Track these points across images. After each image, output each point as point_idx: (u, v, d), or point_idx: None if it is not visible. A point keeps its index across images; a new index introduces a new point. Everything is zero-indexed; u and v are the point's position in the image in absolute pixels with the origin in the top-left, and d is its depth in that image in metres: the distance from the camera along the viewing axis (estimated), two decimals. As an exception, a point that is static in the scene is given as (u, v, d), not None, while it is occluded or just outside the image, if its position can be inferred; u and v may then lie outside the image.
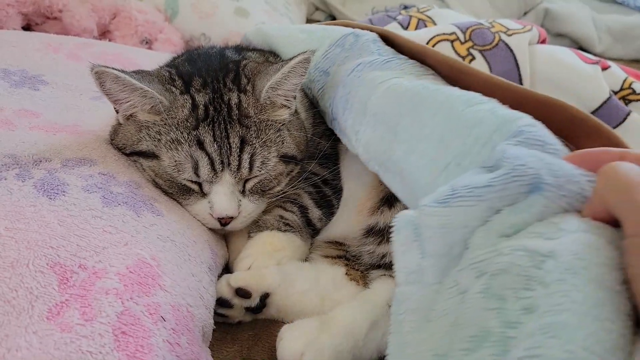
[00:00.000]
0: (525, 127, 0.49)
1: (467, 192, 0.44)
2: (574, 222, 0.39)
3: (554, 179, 0.41)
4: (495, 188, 0.43)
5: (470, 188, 0.44)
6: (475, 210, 0.44)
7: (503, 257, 0.39)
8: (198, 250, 0.67)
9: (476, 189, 0.44)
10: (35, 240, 0.53)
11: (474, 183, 0.44)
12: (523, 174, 0.42)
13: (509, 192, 0.43)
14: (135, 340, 0.50)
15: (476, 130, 0.53)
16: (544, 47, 1.20)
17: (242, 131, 0.71)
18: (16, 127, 0.72)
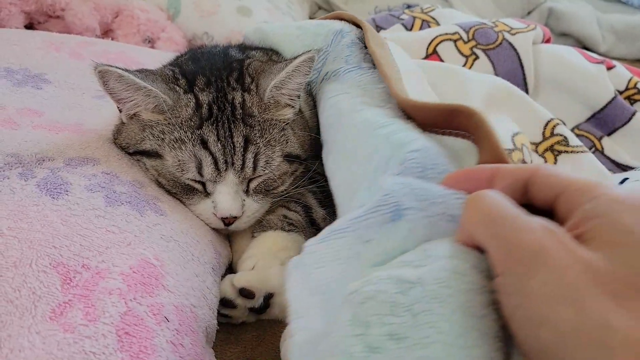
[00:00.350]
0: (409, 154, 0.49)
1: (343, 225, 0.44)
2: (442, 247, 0.38)
3: (417, 203, 0.41)
4: (361, 219, 0.43)
5: (346, 221, 0.44)
6: (344, 243, 0.43)
7: (371, 286, 0.38)
8: (201, 250, 0.67)
9: (349, 221, 0.44)
10: (38, 239, 0.53)
11: (350, 216, 0.44)
12: (385, 203, 0.42)
13: (373, 221, 0.42)
14: (139, 341, 0.50)
15: (375, 157, 0.53)
16: (548, 46, 1.20)
17: (246, 130, 0.71)
18: (19, 126, 0.72)
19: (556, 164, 0.81)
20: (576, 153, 0.83)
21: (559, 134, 0.85)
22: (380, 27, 1.38)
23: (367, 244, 0.42)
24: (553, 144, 0.85)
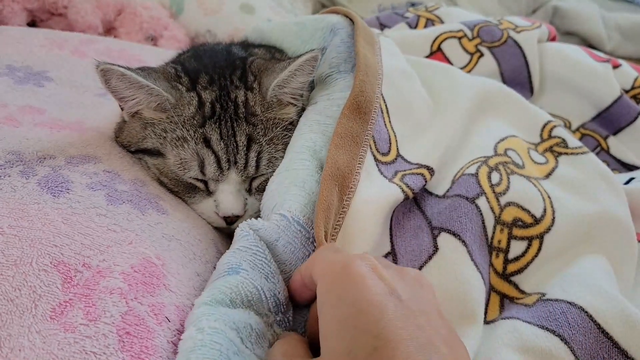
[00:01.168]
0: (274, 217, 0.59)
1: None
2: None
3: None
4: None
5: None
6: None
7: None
8: (203, 249, 0.66)
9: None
10: (39, 238, 0.52)
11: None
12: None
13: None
14: (140, 341, 0.49)
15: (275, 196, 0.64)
16: (553, 44, 1.19)
17: (249, 129, 0.71)
18: (20, 124, 0.72)
19: (557, 164, 0.81)
20: (576, 155, 0.82)
21: (557, 136, 0.85)
22: (385, 26, 1.38)
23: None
24: (552, 145, 0.84)
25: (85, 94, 0.88)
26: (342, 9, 0.91)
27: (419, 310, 0.43)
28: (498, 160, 0.74)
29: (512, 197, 0.70)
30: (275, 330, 0.54)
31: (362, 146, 0.66)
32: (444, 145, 0.75)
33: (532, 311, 0.62)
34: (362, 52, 0.76)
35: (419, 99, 0.82)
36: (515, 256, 0.69)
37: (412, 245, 0.65)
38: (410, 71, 0.86)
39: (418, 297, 0.45)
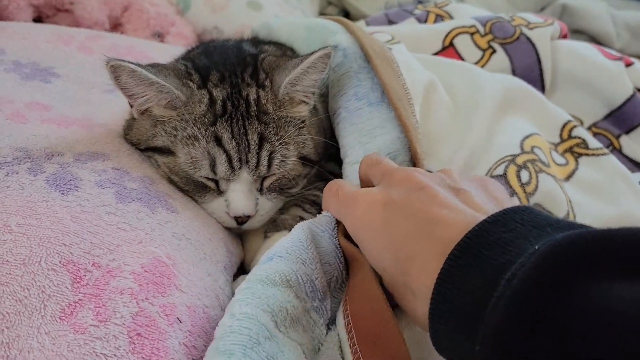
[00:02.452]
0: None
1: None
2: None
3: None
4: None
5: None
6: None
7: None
8: (213, 248, 0.65)
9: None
10: (48, 237, 0.51)
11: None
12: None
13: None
14: (151, 343, 0.48)
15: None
16: (565, 42, 1.17)
17: (261, 128, 0.69)
18: (27, 120, 0.70)
19: (578, 166, 0.79)
20: (597, 156, 0.81)
21: (577, 137, 0.83)
22: (393, 22, 1.36)
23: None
24: (572, 146, 0.83)
25: (93, 91, 0.87)
26: (345, 21, 0.89)
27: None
28: (526, 158, 0.72)
29: (538, 199, 0.68)
30: (312, 317, 0.53)
31: None
32: (469, 148, 0.73)
33: None
34: (388, 82, 0.74)
35: (443, 108, 0.80)
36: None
37: None
38: (432, 79, 0.83)
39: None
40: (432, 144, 0.76)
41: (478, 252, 0.39)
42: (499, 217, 0.40)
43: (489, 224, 0.40)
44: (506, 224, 0.40)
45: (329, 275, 0.58)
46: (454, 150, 0.74)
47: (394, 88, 0.74)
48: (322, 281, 0.56)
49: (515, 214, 0.41)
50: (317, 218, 0.61)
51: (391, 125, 0.72)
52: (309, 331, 0.52)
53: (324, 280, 0.56)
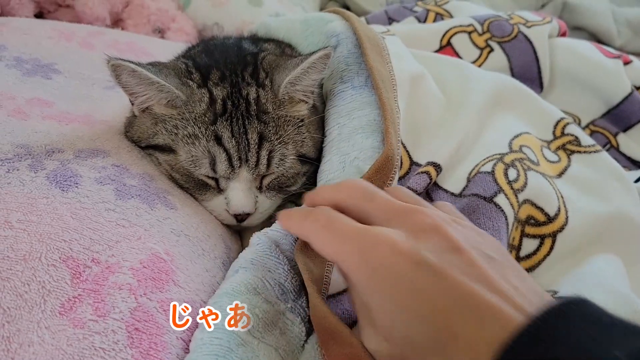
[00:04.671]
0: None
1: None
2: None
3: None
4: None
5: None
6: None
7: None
8: (212, 244, 0.66)
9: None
10: (48, 233, 0.52)
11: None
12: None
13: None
14: (149, 338, 0.49)
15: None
16: (564, 40, 1.18)
17: (261, 127, 0.70)
18: (28, 117, 0.71)
19: (570, 163, 0.80)
20: (589, 153, 0.81)
21: (570, 134, 0.84)
22: (393, 20, 1.37)
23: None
24: (565, 143, 0.83)
25: (94, 87, 0.88)
26: (341, 10, 0.90)
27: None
28: (514, 157, 0.73)
29: (528, 195, 0.69)
30: (288, 317, 0.54)
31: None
32: (456, 141, 0.74)
33: None
34: (376, 66, 0.75)
35: (432, 99, 0.81)
36: (527, 254, 0.68)
37: None
38: (422, 71, 0.84)
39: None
40: (421, 135, 0.76)
41: (542, 348, 0.34)
42: (559, 310, 0.36)
43: (549, 317, 0.35)
44: (568, 319, 0.35)
45: (301, 275, 0.59)
46: (441, 143, 0.74)
47: (379, 71, 0.75)
48: (294, 281, 0.57)
49: (575, 307, 0.36)
50: (276, 224, 0.62)
51: (370, 108, 0.73)
52: (287, 332, 0.54)
53: (297, 280, 0.58)
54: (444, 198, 0.71)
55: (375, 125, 0.72)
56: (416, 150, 0.76)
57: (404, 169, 0.73)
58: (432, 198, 0.71)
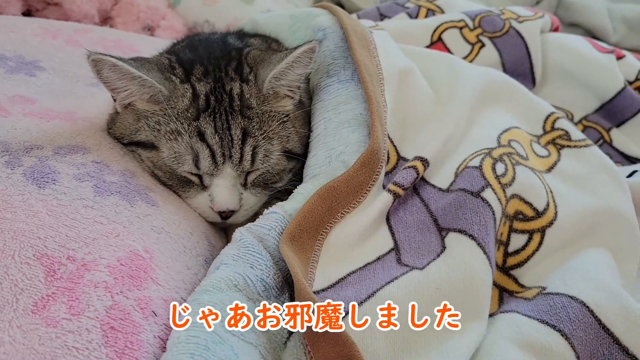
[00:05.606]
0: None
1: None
2: None
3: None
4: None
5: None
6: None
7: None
8: (194, 242, 0.65)
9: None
10: (22, 230, 0.51)
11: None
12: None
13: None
14: (125, 336, 0.48)
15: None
16: (556, 35, 1.17)
17: (244, 123, 0.69)
18: (9, 114, 0.70)
19: (560, 157, 0.79)
20: (579, 147, 0.80)
21: (560, 128, 0.83)
22: (385, 16, 1.35)
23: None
24: (554, 138, 0.82)
25: (78, 84, 0.87)
26: (329, 5, 0.89)
27: None
28: (502, 152, 0.72)
29: (516, 189, 0.68)
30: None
31: (364, 192, 0.66)
32: (444, 135, 0.73)
33: (532, 305, 0.60)
34: (363, 60, 0.75)
35: (420, 94, 0.80)
36: (515, 249, 0.67)
37: (416, 240, 0.64)
38: (410, 66, 0.83)
39: None
40: (409, 130, 0.76)
41: None
42: None
43: None
44: None
45: (284, 271, 0.59)
46: (429, 138, 0.74)
47: (365, 65, 0.75)
48: (276, 278, 0.57)
49: None
50: (261, 218, 0.62)
51: (357, 102, 0.73)
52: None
53: (279, 276, 0.57)
54: (431, 193, 0.70)
55: (362, 119, 0.72)
56: (404, 145, 0.75)
57: (391, 163, 0.73)
58: (419, 194, 0.70)
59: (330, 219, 0.64)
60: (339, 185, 0.65)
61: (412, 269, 0.61)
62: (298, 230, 0.61)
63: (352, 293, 0.58)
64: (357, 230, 0.64)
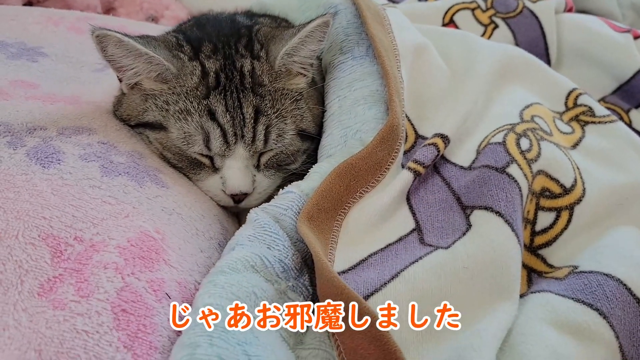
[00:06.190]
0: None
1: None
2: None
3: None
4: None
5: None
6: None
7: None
8: (206, 224, 0.62)
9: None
10: (26, 210, 0.48)
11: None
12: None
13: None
14: (137, 319, 0.45)
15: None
16: (571, 15, 1.13)
17: (256, 100, 0.66)
18: (11, 97, 0.67)
19: (584, 134, 0.76)
20: (604, 123, 0.77)
21: (583, 104, 0.80)
22: (393, 1, 1.32)
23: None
24: (578, 114, 0.79)
25: (82, 70, 0.84)
26: None
27: None
28: (526, 127, 0.69)
29: (542, 165, 0.65)
30: (290, 297, 0.51)
31: (383, 170, 0.64)
32: (463, 112, 0.70)
33: (565, 284, 0.57)
34: (377, 35, 0.72)
35: (436, 70, 0.78)
36: (542, 228, 0.64)
37: (439, 219, 0.61)
38: (425, 42, 0.81)
39: None
40: (426, 108, 0.73)
41: None
42: None
43: None
44: None
45: (303, 252, 0.56)
46: (447, 115, 0.71)
47: (381, 40, 0.72)
48: (295, 259, 0.54)
49: None
50: (277, 198, 0.60)
51: (371, 78, 0.70)
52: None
53: (298, 257, 0.55)
54: (452, 172, 0.67)
55: (378, 96, 0.69)
56: (421, 123, 0.72)
57: (409, 142, 0.70)
58: (440, 172, 0.67)
59: (349, 198, 0.61)
60: (357, 162, 0.62)
61: (436, 249, 0.58)
62: (316, 209, 0.58)
63: (375, 275, 0.55)
64: (376, 210, 0.62)
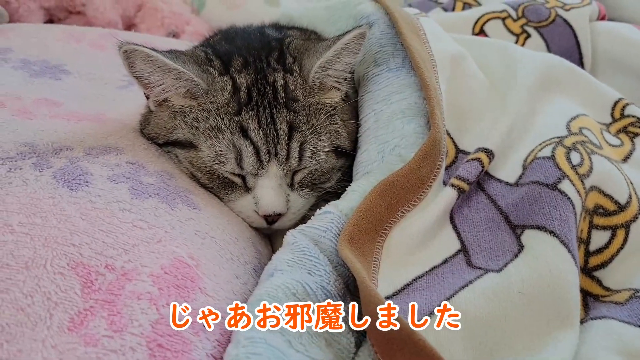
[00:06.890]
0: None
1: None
2: None
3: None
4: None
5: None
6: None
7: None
8: (241, 248, 0.58)
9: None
10: (54, 236, 0.45)
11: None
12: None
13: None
14: (174, 355, 0.42)
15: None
16: (605, 23, 1.10)
17: (290, 116, 0.63)
18: (35, 116, 0.65)
19: (634, 146, 0.72)
20: None
21: (631, 115, 0.76)
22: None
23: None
24: (626, 126, 0.75)
25: (106, 87, 0.82)
26: None
27: None
28: (575, 140, 0.65)
29: (594, 181, 0.61)
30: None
31: (425, 188, 0.60)
32: (506, 125, 0.67)
33: (627, 309, 0.53)
34: (414, 45, 0.69)
35: (475, 81, 0.74)
36: (597, 248, 0.60)
37: (487, 240, 0.58)
38: (462, 52, 0.78)
39: None
40: (465, 120, 0.70)
41: None
42: None
43: None
44: None
45: (344, 276, 0.53)
46: (489, 128, 0.67)
47: (418, 51, 0.69)
48: (337, 284, 0.51)
49: None
50: (314, 218, 0.57)
51: (410, 90, 0.68)
52: (334, 344, 0.47)
53: (340, 282, 0.52)
54: (498, 188, 0.63)
55: (417, 109, 0.66)
56: (462, 136, 0.68)
57: (449, 157, 0.66)
58: (484, 189, 0.63)
59: (390, 217, 0.57)
60: (398, 180, 0.58)
61: (487, 272, 0.54)
62: (357, 230, 0.54)
63: (423, 300, 0.52)
64: (419, 230, 0.58)
